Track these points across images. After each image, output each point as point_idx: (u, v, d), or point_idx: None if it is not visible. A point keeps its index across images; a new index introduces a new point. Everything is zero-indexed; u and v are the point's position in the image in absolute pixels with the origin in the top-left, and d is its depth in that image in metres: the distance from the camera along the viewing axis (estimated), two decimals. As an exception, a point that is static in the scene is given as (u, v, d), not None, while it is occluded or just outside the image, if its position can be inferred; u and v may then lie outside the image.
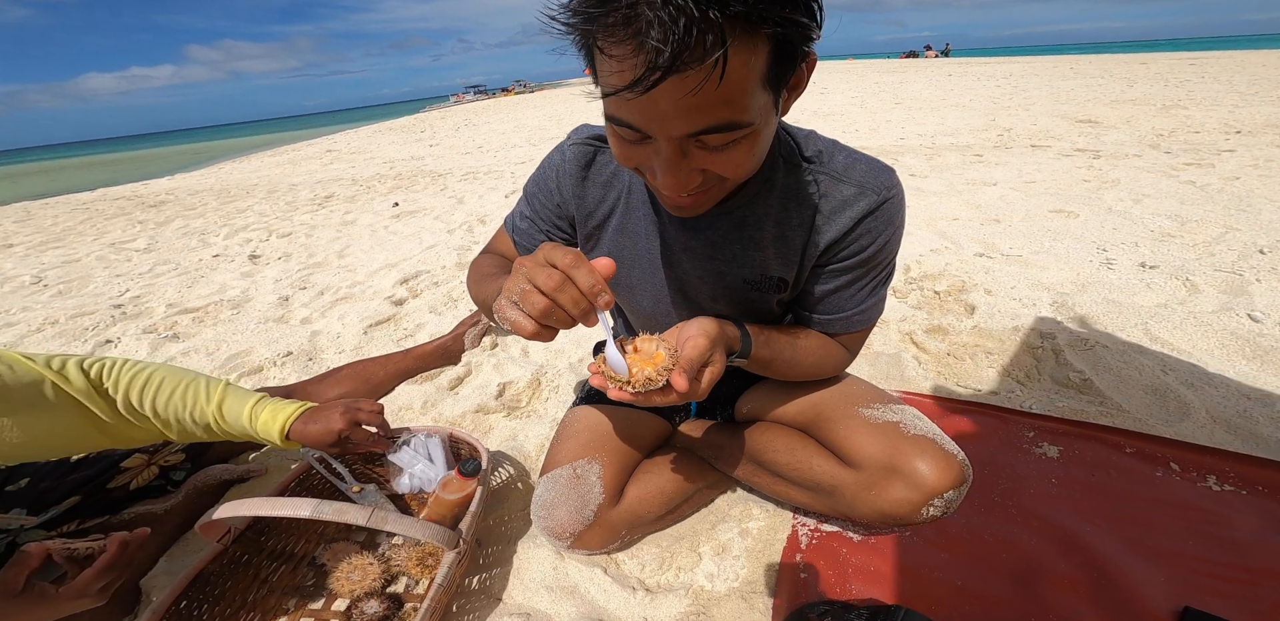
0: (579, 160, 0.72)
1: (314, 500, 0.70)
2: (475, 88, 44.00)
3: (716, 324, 0.62)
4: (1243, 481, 0.92)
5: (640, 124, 0.47)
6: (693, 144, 0.48)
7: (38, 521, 0.88)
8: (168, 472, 1.06)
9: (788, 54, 0.45)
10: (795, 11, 0.41)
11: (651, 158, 0.50)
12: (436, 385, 1.46)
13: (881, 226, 0.65)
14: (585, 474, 0.83)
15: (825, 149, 0.66)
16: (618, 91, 0.44)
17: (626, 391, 0.53)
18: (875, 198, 0.64)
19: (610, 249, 0.77)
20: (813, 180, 0.65)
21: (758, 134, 0.49)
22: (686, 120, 0.45)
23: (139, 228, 4.01)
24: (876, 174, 0.65)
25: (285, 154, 10.79)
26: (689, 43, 0.38)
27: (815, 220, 0.66)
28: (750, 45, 0.41)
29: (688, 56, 0.39)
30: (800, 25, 0.42)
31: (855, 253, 0.67)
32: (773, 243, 0.68)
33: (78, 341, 1.94)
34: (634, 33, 0.40)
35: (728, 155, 0.50)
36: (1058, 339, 1.36)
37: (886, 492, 0.70)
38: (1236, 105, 5.12)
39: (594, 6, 0.42)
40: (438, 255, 2.51)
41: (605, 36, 0.42)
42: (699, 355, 0.56)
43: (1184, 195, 2.41)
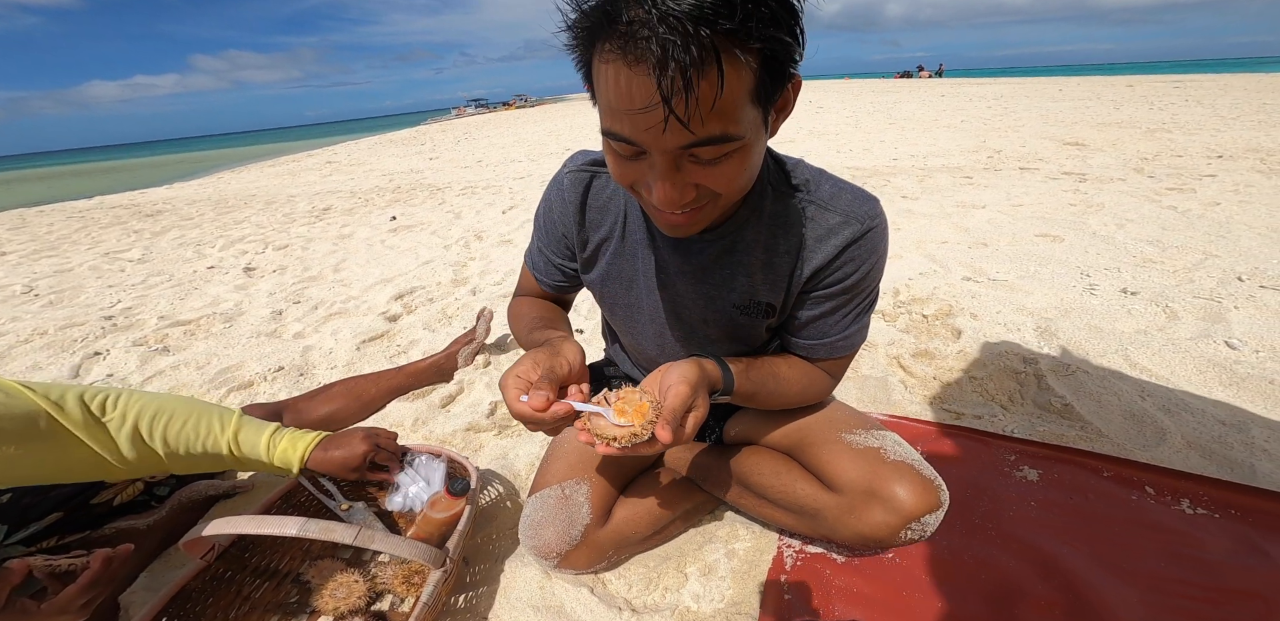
0: (576, 187, 0.75)
1: (300, 518, 0.71)
2: (477, 101, 44.52)
3: (697, 367, 0.63)
4: (1215, 505, 0.95)
5: (636, 137, 0.48)
6: (686, 158, 0.50)
7: (18, 537, 0.88)
8: (152, 488, 1.06)
9: (774, 72, 0.47)
10: (780, 31, 0.44)
11: (647, 173, 0.52)
12: (428, 402, 1.46)
13: (865, 254, 0.67)
14: (573, 494, 0.84)
15: (812, 177, 0.69)
16: (618, 108, 0.47)
17: (614, 447, 0.56)
18: (860, 226, 0.66)
19: (608, 271, 0.79)
20: (800, 208, 0.67)
21: (748, 149, 0.51)
22: (681, 133, 0.46)
23: (134, 237, 4.01)
24: (861, 203, 0.67)
25: (285, 164, 10.85)
26: (686, 60, 0.41)
27: (802, 247, 0.68)
28: (739, 61, 0.44)
29: (687, 71, 0.42)
30: (784, 44, 0.45)
31: (840, 280, 0.69)
32: (761, 268, 0.70)
33: (65, 353, 1.93)
34: (632, 50, 0.43)
35: (720, 169, 0.51)
36: (1040, 364, 1.38)
37: (866, 516, 0.73)
38: (1219, 129, 5.25)
39: (594, 25, 0.45)
40: (433, 271, 2.53)
41: (605, 53, 0.45)
42: (681, 404, 0.58)
43: (1166, 221, 2.46)
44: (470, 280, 2.38)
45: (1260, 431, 1.12)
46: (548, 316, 0.84)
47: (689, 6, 0.41)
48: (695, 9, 0.41)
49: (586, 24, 0.46)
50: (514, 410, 0.59)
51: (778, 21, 0.44)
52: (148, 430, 0.82)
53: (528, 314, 0.84)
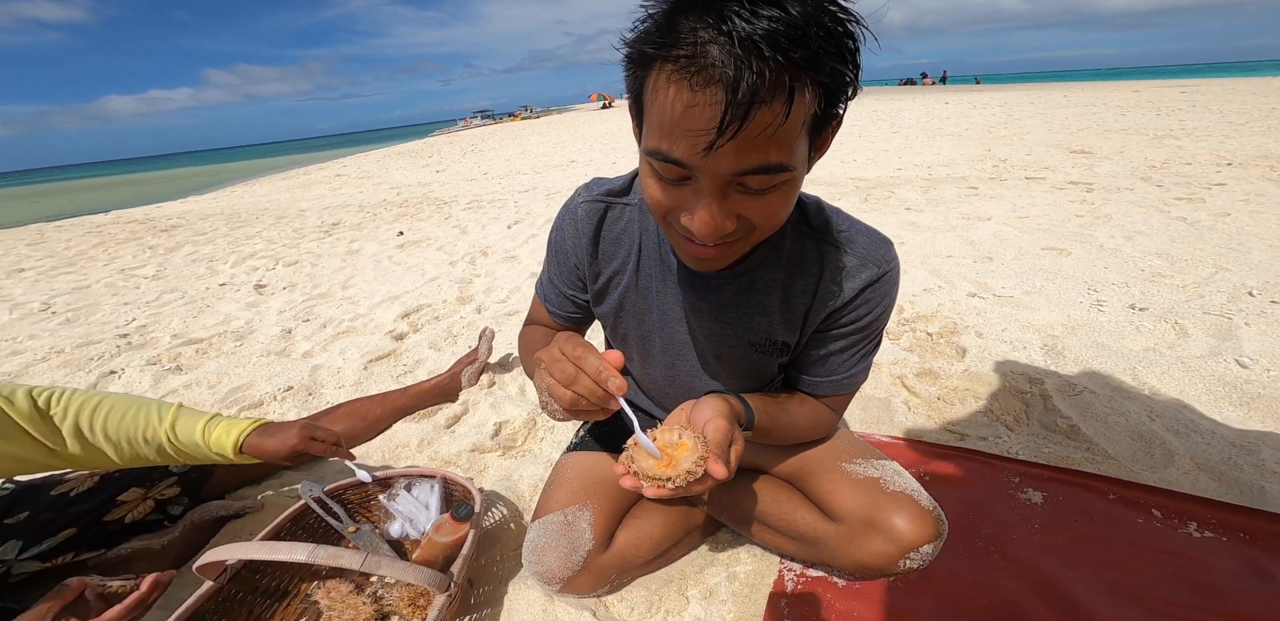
0: (590, 218, 0.74)
1: (310, 544, 0.73)
2: (483, 112, 45.00)
3: (725, 401, 0.61)
4: (1223, 528, 0.94)
5: (689, 159, 0.46)
6: (734, 187, 0.49)
7: (32, 552, 0.91)
8: (164, 506, 1.08)
9: (833, 105, 0.47)
10: (843, 65, 0.44)
11: (689, 199, 0.51)
12: (433, 423, 1.47)
13: (879, 297, 0.69)
14: (576, 520, 0.85)
15: (831, 218, 0.69)
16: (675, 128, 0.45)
17: (667, 488, 0.51)
18: (877, 270, 0.67)
19: (621, 303, 0.79)
20: (818, 248, 0.68)
21: (795, 182, 0.51)
22: (738, 158, 0.45)
23: (149, 253, 4.09)
24: (877, 246, 0.68)
25: (296, 178, 11.03)
26: (760, 86, 0.41)
27: (819, 288, 0.69)
28: (804, 92, 0.43)
29: (761, 96, 0.41)
30: (845, 80, 0.45)
31: (853, 320, 0.70)
32: (778, 308, 0.71)
33: (82, 371, 1.96)
34: (700, 70, 0.42)
35: (766, 201, 0.50)
36: (1046, 384, 1.37)
37: (866, 545, 0.74)
38: (1227, 135, 5.21)
39: (657, 43, 0.44)
40: (439, 288, 2.55)
41: (667, 73, 0.44)
42: (724, 437, 0.55)
43: (1175, 232, 2.44)
44: (475, 298, 2.40)
45: (1271, 453, 1.10)
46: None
47: (764, 31, 0.40)
48: (769, 34, 0.40)
49: (648, 41, 0.45)
50: (577, 354, 0.51)
51: (843, 57, 0.44)
52: (88, 424, 0.85)
53: (541, 339, 0.83)
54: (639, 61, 0.48)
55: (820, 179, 4.41)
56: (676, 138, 0.46)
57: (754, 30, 0.40)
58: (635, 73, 0.49)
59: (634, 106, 0.53)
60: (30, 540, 0.92)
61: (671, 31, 0.43)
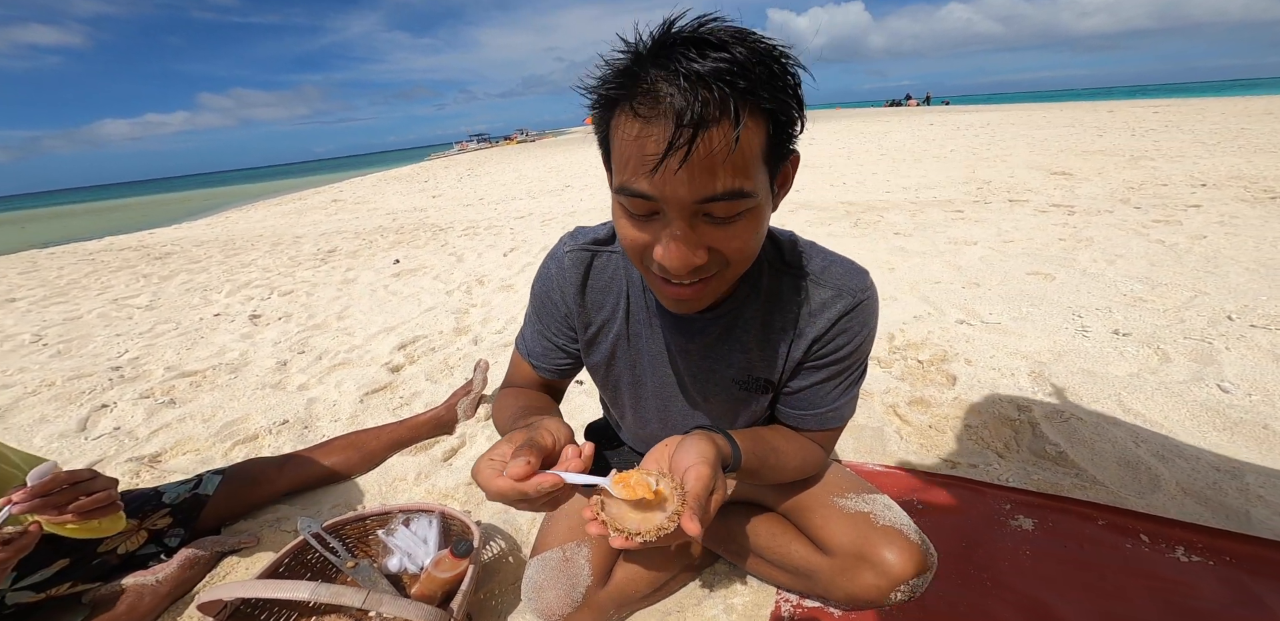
0: (577, 267, 0.76)
1: (312, 583, 0.75)
2: (479, 136, 45.64)
3: (711, 444, 0.57)
4: (1210, 552, 0.96)
5: (654, 191, 0.49)
6: (701, 217, 0.51)
7: (27, 582, 0.93)
8: (159, 537, 1.09)
9: (782, 135, 0.50)
10: (787, 98, 0.48)
11: (659, 234, 0.52)
12: (430, 456, 1.47)
13: (857, 327, 0.70)
14: (574, 556, 0.85)
15: (805, 252, 0.72)
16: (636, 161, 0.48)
17: (635, 542, 0.48)
18: (851, 299, 0.69)
19: (613, 352, 0.80)
20: (794, 284, 0.70)
21: (760, 211, 0.52)
22: (698, 184, 0.47)
23: (143, 282, 4.09)
24: (851, 277, 0.70)
25: (292, 203, 11.10)
26: (707, 110, 0.44)
27: (797, 323, 0.71)
28: (752, 117, 0.46)
29: (705, 118, 0.44)
30: (790, 110, 0.49)
31: (832, 351, 0.71)
32: (758, 345, 0.73)
33: (73, 405, 1.95)
34: (654, 104, 0.46)
35: (733, 230, 0.52)
36: (1034, 411, 1.40)
37: (857, 578, 0.76)
38: (1200, 156, 5.39)
39: (618, 88, 0.48)
40: (436, 319, 2.56)
41: (626, 111, 0.48)
42: (704, 488, 0.51)
43: (1154, 256, 2.51)
44: (472, 329, 2.41)
45: (1255, 478, 1.13)
46: (535, 405, 0.77)
47: (710, 68, 0.44)
48: (715, 70, 0.44)
49: (610, 87, 0.49)
50: (493, 489, 0.50)
51: (784, 89, 0.48)
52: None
53: (512, 405, 0.78)
54: (603, 106, 0.51)
55: (811, 203, 4.51)
56: (635, 168, 0.49)
57: (701, 68, 0.45)
58: (600, 117, 0.53)
59: (603, 151, 0.56)
60: (24, 570, 0.93)
61: (630, 77, 0.47)
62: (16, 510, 0.75)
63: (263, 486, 1.26)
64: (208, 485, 1.18)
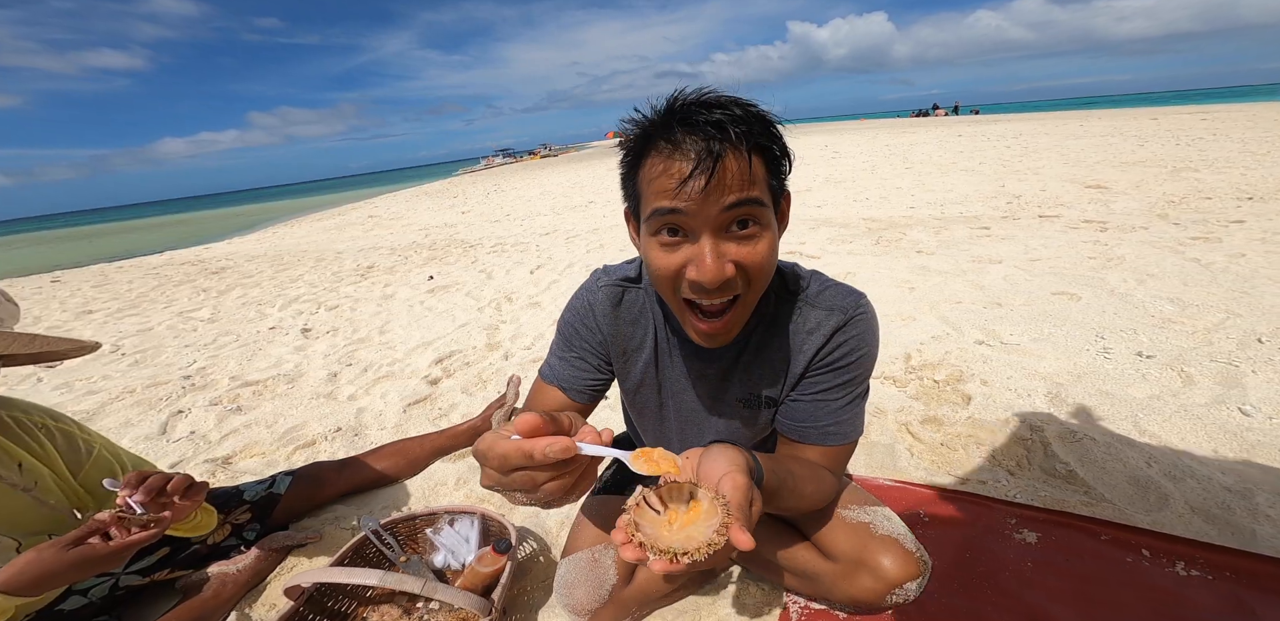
0: (610, 300, 0.86)
1: (379, 571, 0.88)
2: (504, 151, 46.92)
3: (740, 453, 0.56)
4: (1209, 567, 0.99)
5: (682, 205, 0.60)
6: (724, 234, 0.61)
7: (136, 567, 1.08)
8: (240, 531, 1.24)
9: (778, 171, 0.64)
10: (775, 140, 0.63)
11: (690, 254, 0.62)
12: (469, 464, 1.60)
13: (854, 340, 0.77)
14: (601, 558, 0.95)
15: (804, 280, 0.81)
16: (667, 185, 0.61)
17: (682, 562, 0.42)
18: (843, 315, 0.77)
19: (643, 379, 0.90)
20: (795, 309, 0.80)
21: (772, 231, 0.64)
22: (721, 196, 0.59)
23: (203, 296, 4.40)
24: (843, 298, 0.79)
25: (331, 219, 11.65)
26: (723, 145, 0.59)
27: (798, 344, 0.80)
28: (757, 151, 0.61)
29: (719, 148, 0.58)
30: (778, 148, 0.63)
31: (829, 364, 0.79)
32: (763, 366, 0.82)
33: (153, 410, 2.15)
34: (679, 146, 0.60)
35: (752, 246, 0.62)
36: (1047, 431, 1.43)
37: (857, 582, 0.84)
38: (1248, 167, 5.19)
39: (647, 143, 0.63)
40: (469, 334, 2.72)
41: (654, 156, 0.62)
42: (745, 497, 0.48)
43: (1188, 275, 2.47)
44: (503, 345, 2.55)
45: (1265, 497, 1.15)
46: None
47: (715, 118, 0.59)
48: (719, 119, 0.59)
49: (640, 138, 0.64)
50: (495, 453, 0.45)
51: (774, 137, 0.63)
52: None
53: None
54: (632, 164, 0.66)
55: (833, 219, 4.55)
56: (667, 190, 0.60)
57: (710, 119, 0.59)
58: (629, 175, 0.67)
59: (631, 205, 0.70)
60: (134, 557, 1.09)
61: (658, 127, 0.62)
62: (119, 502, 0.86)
63: (326, 487, 1.41)
64: (280, 485, 1.33)
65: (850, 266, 3.09)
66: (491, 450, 0.45)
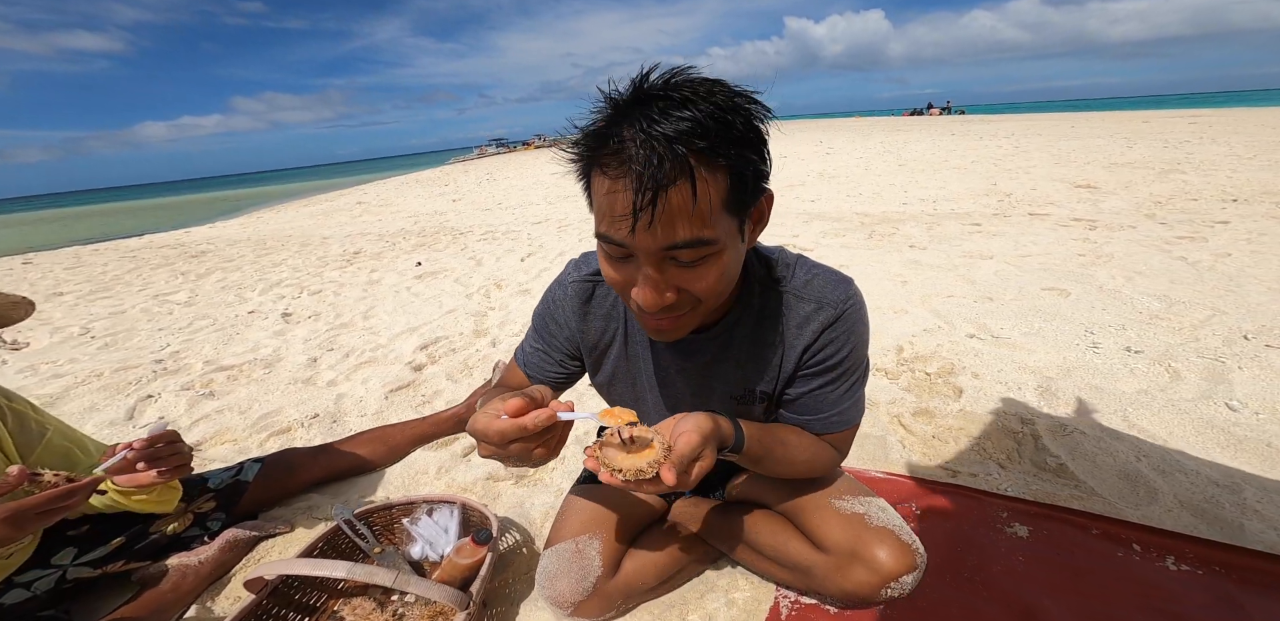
0: (580, 296, 0.84)
1: (348, 563, 0.83)
2: (497, 141, 46.11)
3: (711, 420, 0.66)
4: (1199, 562, 0.98)
5: (624, 239, 0.55)
6: (668, 261, 0.57)
7: (86, 559, 1.01)
8: (203, 520, 1.18)
9: (744, 185, 0.56)
10: (747, 150, 0.54)
11: (634, 275, 0.59)
12: (451, 452, 1.55)
13: (844, 336, 0.75)
14: (586, 548, 0.92)
15: (790, 264, 0.77)
16: (608, 214, 0.55)
17: (617, 478, 0.58)
18: (833, 311, 0.74)
19: (614, 372, 0.88)
20: (780, 300, 0.76)
21: (724, 254, 0.58)
22: (662, 235, 0.53)
23: (181, 279, 4.28)
24: (833, 288, 0.75)
25: (319, 204, 11.43)
26: (666, 173, 0.50)
27: (785, 336, 0.76)
28: (712, 174, 0.53)
29: (664, 180, 0.50)
30: (751, 161, 0.55)
31: (823, 360, 0.76)
32: (751, 360, 0.79)
33: (120, 395, 2.08)
34: (619, 164, 0.52)
35: (699, 272, 0.58)
36: (1038, 424, 1.42)
37: (851, 575, 0.81)
38: (1234, 169, 5.27)
39: (595, 144, 0.55)
40: (456, 321, 2.66)
41: (600, 167, 0.55)
42: (690, 451, 0.60)
43: (1175, 273, 2.49)
44: (490, 331, 2.50)
45: (1253, 492, 1.14)
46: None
47: (670, 129, 0.50)
48: (677, 131, 0.50)
49: (589, 144, 0.56)
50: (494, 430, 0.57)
51: (745, 142, 0.54)
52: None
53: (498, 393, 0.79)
54: (583, 162, 0.59)
55: (826, 214, 4.53)
56: (608, 221, 0.55)
57: (665, 129, 0.51)
58: (582, 171, 0.60)
59: (587, 200, 0.63)
60: (84, 547, 1.02)
61: (604, 136, 0.54)
62: (132, 456, 0.85)
63: (297, 475, 1.35)
64: (248, 472, 1.27)
65: (843, 259, 3.08)
66: (489, 428, 0.57)
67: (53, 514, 0.76)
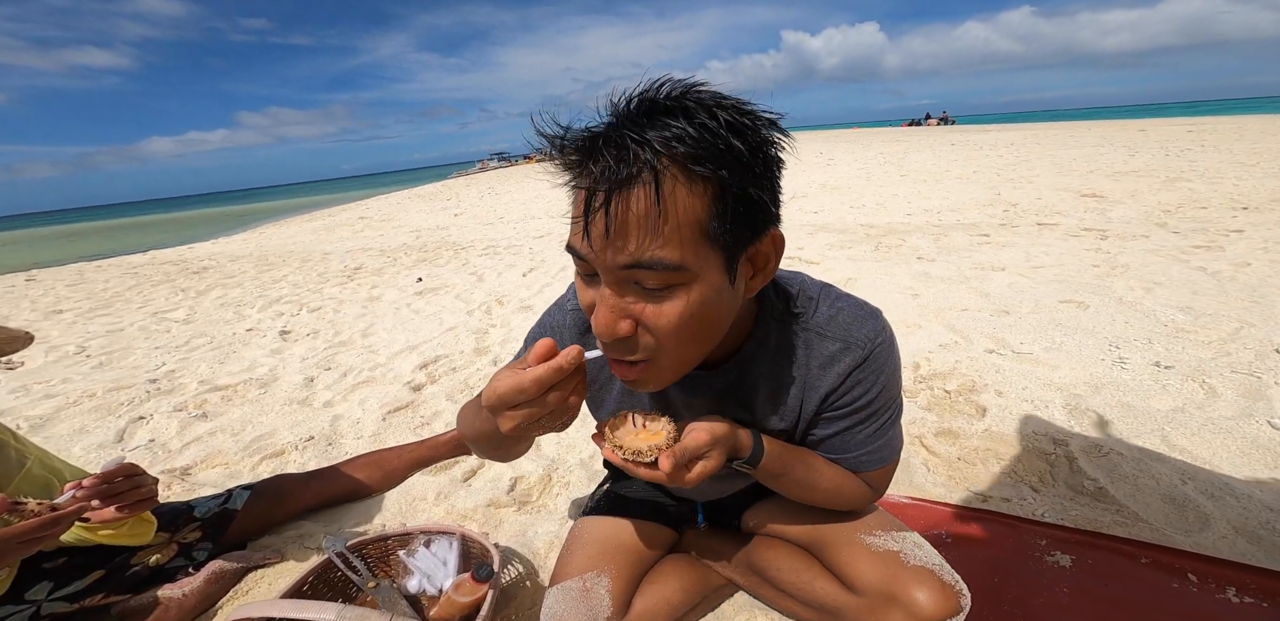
0: (578, 326, 0.77)
1: (338, 604, 0.78)
2: (499, 154, 46.59)
3: (728, 425, 0.64)
4: (1264, 593, 0.90)
5: (583, 250, 0.49)
6: (632, 285, 0.50)
7: (62, 593, 0.95)
8: (188, 550, 1.11)
9: (735, 213, 0.47)
10: (744, 173, 0.46)
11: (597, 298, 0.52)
12: (450, 477, 1.48)
13: (873, 376, 0.68)
14: (594, 586, 0.84)
15: (813, 298, 0.70)
16: (572, 220, 0.49)
17: (617, 456, 0.58)
18: (861, 352, 0.67)
19: (619, 407, 0.81)
20: (802, 338, 0.69)
21: (696, 290, 0.50)
22: (620, 248, 0.47)
23: (181, 296, 4.25)
24: (859, 325, 0.68)
25: (321, 219, 11.48)
26: (625, 171, 0.44)
27: (806, 378, 0.69)
28: (688, 185, 0.45)
29: (622, 179, 0.44)
30: (747, 185, 0.47)
31: (850, 402, 0.70)
32: (767, 401, 0.72)
33: (112, 416, 2.02)
34: (588, 161, 0.47)
35: (661, 306, 0.50)
36: (1070, 444, 1.35)
37: (885, 619, 0.72)
38: (1240, 177, 5.23)
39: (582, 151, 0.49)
40: (457, 338, 2.60)
41: (576, 167, 0.49)
42: (695, 446, 0.59)
43: (1196, 284, 2.42)
44: (491, 349, 2.43)
45: (1313, 521, 1.06)
46: None
47: (652, 135, 0.44)
48: (657, 136, 0.44)
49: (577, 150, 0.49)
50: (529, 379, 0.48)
51: (740, 163, 0.46)
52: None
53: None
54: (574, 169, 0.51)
55: (830, 225, 4.49)
56: (575, 229, 0.49)
57: (646, 134, 0.45)
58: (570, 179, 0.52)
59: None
60: (61, 582, 0.96)
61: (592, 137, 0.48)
62: (81, 495, 0.80)
63: (288, 502, 1.28)
64: (237, 500, 1.20)
65: (851, 273, 3.02)
66: (524, 381, 0.49)
67: (32, 544, 0.72)
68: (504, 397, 0.50)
